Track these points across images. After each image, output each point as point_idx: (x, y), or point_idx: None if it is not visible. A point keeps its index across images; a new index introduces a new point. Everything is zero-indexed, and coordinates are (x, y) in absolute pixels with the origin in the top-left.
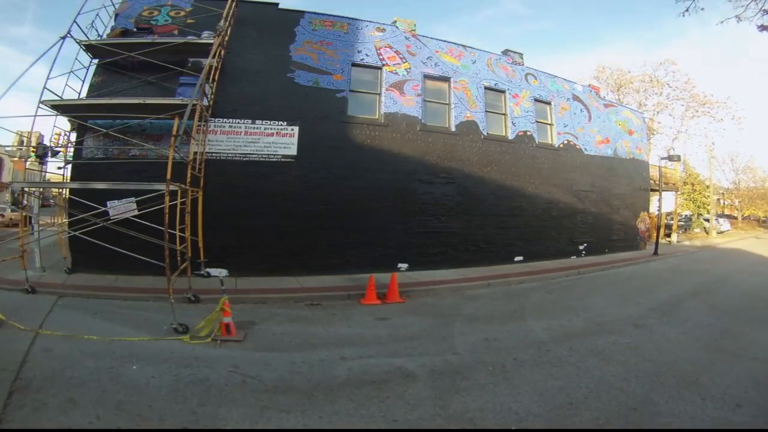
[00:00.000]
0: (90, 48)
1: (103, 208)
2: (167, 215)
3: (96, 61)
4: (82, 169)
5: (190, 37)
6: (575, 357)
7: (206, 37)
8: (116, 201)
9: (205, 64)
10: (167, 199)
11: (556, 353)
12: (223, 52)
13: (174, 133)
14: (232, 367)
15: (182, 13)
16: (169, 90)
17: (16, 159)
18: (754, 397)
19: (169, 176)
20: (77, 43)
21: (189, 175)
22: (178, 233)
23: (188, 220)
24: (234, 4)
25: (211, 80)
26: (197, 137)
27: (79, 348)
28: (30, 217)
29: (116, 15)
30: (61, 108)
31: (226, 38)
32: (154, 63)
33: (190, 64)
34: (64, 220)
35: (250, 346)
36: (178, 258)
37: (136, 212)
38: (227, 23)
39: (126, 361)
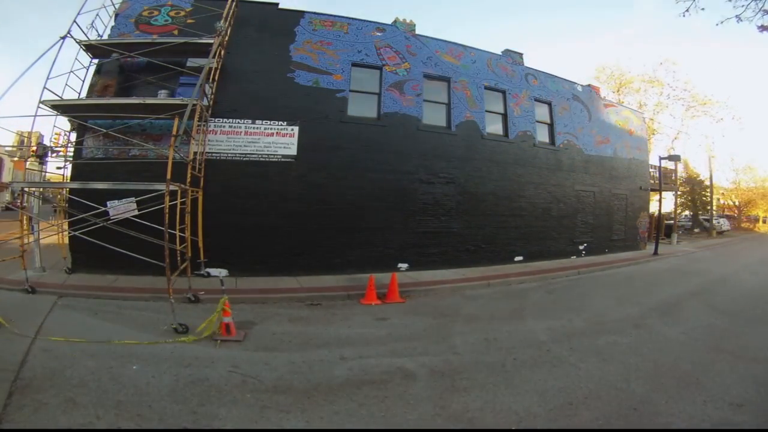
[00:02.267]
0: (90, 48)
1: (103, 208)
2: (167, 215)
3: (96, 61)
4: (82, 169)
5: (190, 38)
6: (575, 357)
7: (206, 38)
8: (116, 201)
9: (205, 64)
10: (167, 199)
11: (557, 353)
12: (223, 52)
13: (174, 133)
14: (232, 367)
15: (182, 13)
16: (169, 90)
17: (16, 159)
18: (754, 397)
19: (169, 176)
20: (77, 43)
21: (189, 175)
22: (178, 233)
23: (188, 220)
24: (234, 4)
25: (211, 80)
26: (197, 137)
27: (80, 348)
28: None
29: (116, 15)
30: (61, 108)
31: (226, 38)
32: (154, 63)
33: (188, 64)
34: (63, 221)
35: (250, 346)
36: (178, 258)
37: (136, 212)
38: (227, 23)
39: (126, 361)
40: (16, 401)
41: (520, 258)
